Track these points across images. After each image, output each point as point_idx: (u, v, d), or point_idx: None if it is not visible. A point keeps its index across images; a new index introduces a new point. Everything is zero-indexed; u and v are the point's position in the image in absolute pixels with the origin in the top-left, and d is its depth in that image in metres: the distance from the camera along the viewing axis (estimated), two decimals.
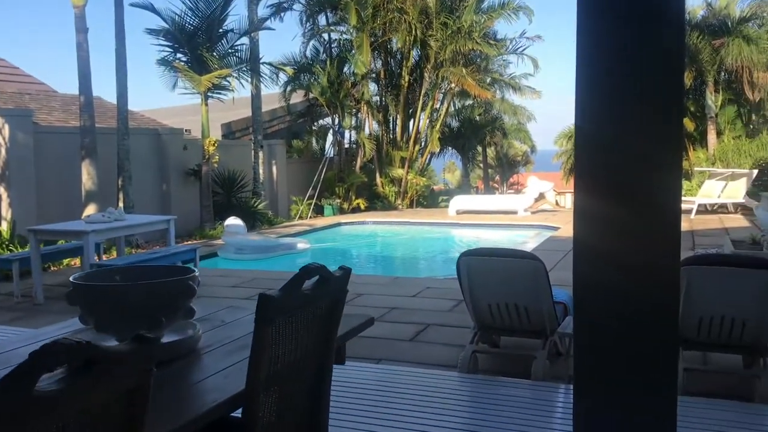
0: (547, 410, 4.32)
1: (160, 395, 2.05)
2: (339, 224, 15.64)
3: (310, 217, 16.52)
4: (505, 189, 49.75)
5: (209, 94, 13.50)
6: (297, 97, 19.41)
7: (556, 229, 13.60)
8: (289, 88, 18.16)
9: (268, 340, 1.95)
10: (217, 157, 13.53)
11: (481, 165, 37.10)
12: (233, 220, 11.15)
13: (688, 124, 25.52)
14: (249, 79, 14.32)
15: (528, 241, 13.10)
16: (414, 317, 6.65)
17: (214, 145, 13.34)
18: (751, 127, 25.68)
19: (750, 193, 16.07)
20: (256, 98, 15.41)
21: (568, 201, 56.92)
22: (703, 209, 15.92)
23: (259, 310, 1.91)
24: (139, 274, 2.59)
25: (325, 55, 18.60)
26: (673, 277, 1.83)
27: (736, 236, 11.45)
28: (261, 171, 15.41)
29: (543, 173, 59.49)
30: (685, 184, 18.71)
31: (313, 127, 20.02)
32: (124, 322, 2.30)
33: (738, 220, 14.28)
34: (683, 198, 16.15)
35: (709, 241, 11.38)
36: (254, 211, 14.49)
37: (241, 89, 15.14)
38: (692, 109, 26.14)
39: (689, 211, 15.43)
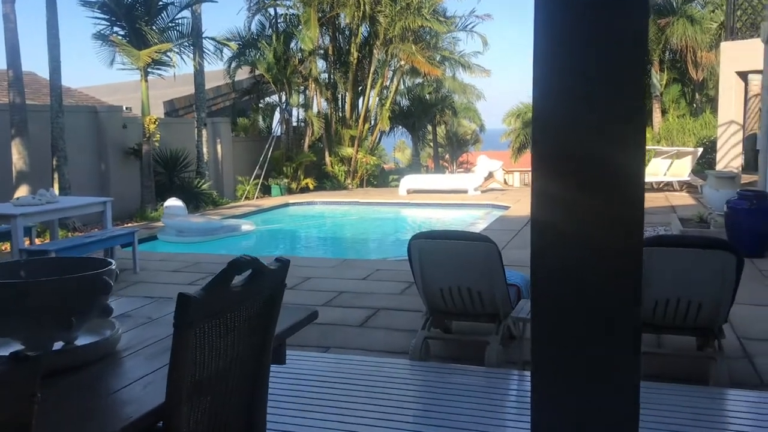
0: (501, 398, 4.16)
1: (65, 408, 1.77)
2: (287, 205, 15.28)
3: (257, 198, 16.11)
4: (455, 168, 49.92)
5: (149, 70, 12.93)
6: (242, 74, 18.87)
7: (506, 208, 13.54)
8: (233, 65, 17.61)
9: (189, 346, 1.68)
10: (158, 135, 12.99)
11: (432, 144, 37.03)
12: (173, 201, 10.71)
13: None
14: (191, 55, 13.78)
15: (479, 220, 13.00)
16: (364, 301, 6.43)
17: (155, 123, 12.80)
18: (694, 106, 26.18)
19: (695, 171, 16.32)
20: (199, 75, 14.86)
21: (516, 180, 57.50)
22: (650, 187, 16.10)
23: (178, 313, 1.64)
24: (49, 268, 2.28)
25: (271, 30, 18.07)
26: (636, 259, 1.72)
27: (683, 214, 11.56)
28: (205, 150, 14.91)
29: (492, 152, 59.92)
30: None
31: (260, 105, 19.49)
32: (28, 325, 2.00)
33: (684, 198, 14.47)
34: None
35: (658, 219, 11.46)
36: (198, 191, 14.03)
37: (183, 65, 14.61)
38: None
39: None
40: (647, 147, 19.21)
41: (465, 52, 22.71)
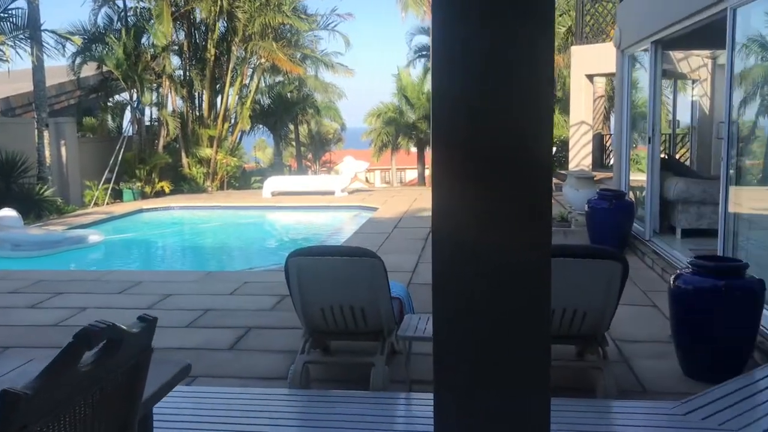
0: (390, 423, 3.88)
1: None
2: (140, 211, 14.25)
3: (108, 204, 14.93)
4: (318, 167, 49.59)
5: None
6: (89, 70, 17.46)
7: (375, 209, 13.38)
8: (78, 60, 16.23)
9: None
10: None
11: (294, 143, 36.48)
12: (5, 212, 9.57)
13: None
14: (28, 49, 12.46)
15: (348, 223, 12.75)
16: (232, 320, 5.93)
17: None
18: None
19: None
20: (38, 71, 13.49)
21: (377, 179, 58.00)
22: None
23: (3, 417, 1.17)
24: None
25: (120, 24, 16.82)
26: (543, 267, 1.66)
27: None
28: (47, 153, 13.59)
29: (354, 151, 60.25)
30: None
31: (109, 103, 18.13)
32: None
33: None
34: None
35: None
36: (40, 199, 12.76)
37: (19, 60, 13.23)
38: None
39: None
40: None
41: (327, 51, 22.40)
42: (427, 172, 42.14)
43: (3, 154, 12.54)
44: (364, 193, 16.97)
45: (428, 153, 42.89)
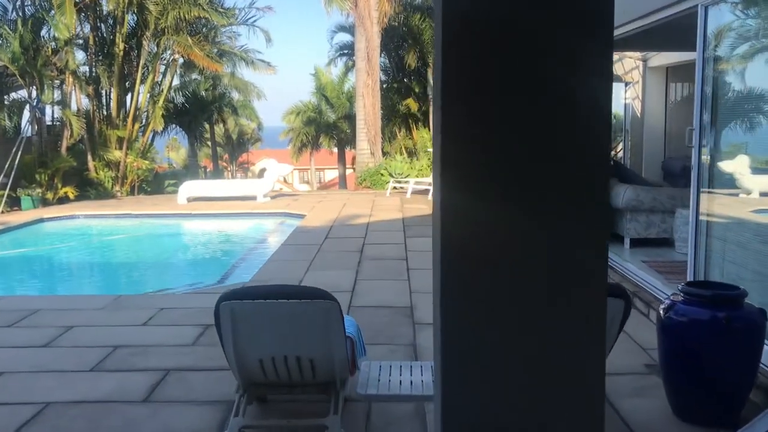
0: None
1: None
2: (40, 220, 12.86)
3: (2, 213, 13.45)
4: (234, 168, 48.08)
5: None
6: None
7: (301, 216, 12.53)
8: None
9: None
10: None
11: (209, 143, 35.01)
12: None
13: (412, 105, 26.29)
14: None
15: (273, 232, 11.87)
16: (147, 360, 5.01)
17: None
18: None
19: None
20: None
21: (296, 179, 56.84)
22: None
23: None
24: None
25: (15, 14, 15.26)
26: (599, 270, 1.47)
27: None
28: None
29: (271, 151, 59.07)
30: (416, 164, 18.90)
31: (4, 101, 16.45)
32: None
33: None
34: (414, 179, 16.14)
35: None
36: None
37: None
38: (416, 90, 26.95)
39: (427, 192, 15.43)
40: (429, 149, 19.36)
41: (247, 47, 21.32)
42: (349, 172, 41.51)
43: None
44: (288, 197, 16.07)
45: (349, 153, 42.27)
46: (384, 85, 22.08)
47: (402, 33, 25.05)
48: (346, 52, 28.72)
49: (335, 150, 42.35)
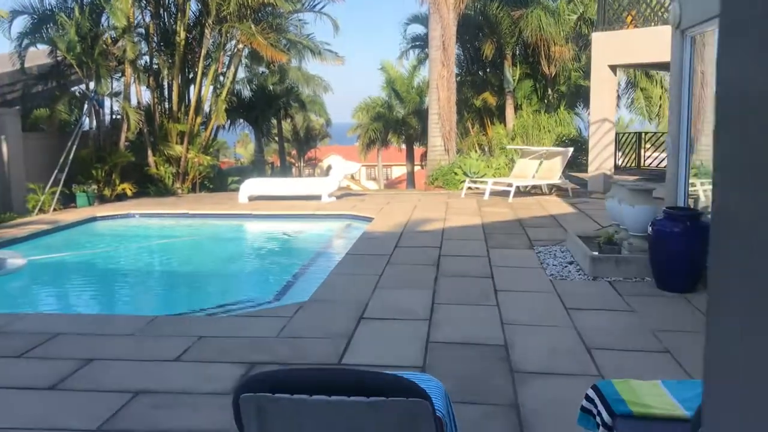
0: None
1: None
2: (93, 219, 12.10)
3: (55, 210, 12.77)
4: (302, 164, 47.49)
5: None
6: (40, 56, 15.25)
7: (369, 220, 11.33)
8: (25, 42, 14.04)
9: None
10: None
11: (277, 139, 34.37)
12: None
13: (489, 99, 24.79)
14: None
15: (337, 238, 10.74)
16: (172, 416, 3.89)
17: None
18: (545, 101, 25.52)
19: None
20: None
21: (363, 176, 56.14)
22: (515, 191, 14.58)
23: None
24: None
25: (73, 1, 14.58)
26: None
27: (575, 228, 9.94)
28: None
29: (338, 147, 58.47)
30: (493, 162, 17.48)
31: (62, 93, 15.85)
32: None
33: (558, 204, 13.04)
34: (493, 179, 14.74)
35: (545, 234, 9.76)
36: None
37: None
38: (493, 82, 25.46)
39: (507, 194, 14.02)
40: (511, 146, 17.89)
41: (314, 35, 20.26)
42: (416, 170, 40.23)
43: None
44: (354, 198, 14.92)
45: (418, 150, 40.98)
46: (457, 78, 20.71)
47: (478, 22, 23.60)
48: (418, 44, 27.43)
49: (404, 147, 41.21)
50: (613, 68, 14.03)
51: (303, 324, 5.58)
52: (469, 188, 15.09)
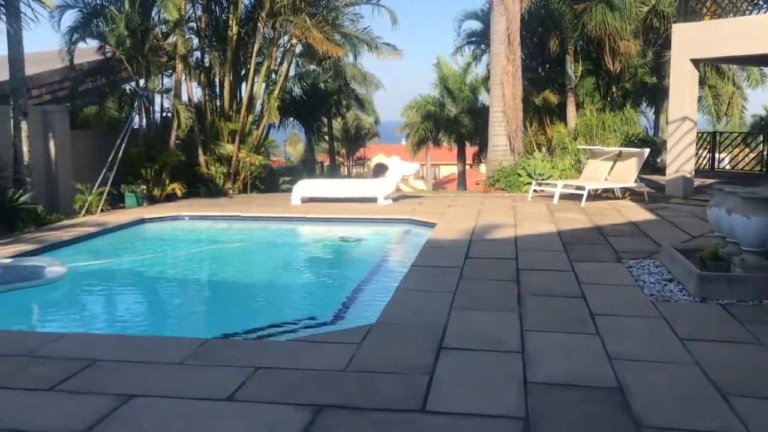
0: None
1: None
2: (141, 221, 11.57)
3: (103, 211, 12.30)
4: (351, 164, 46.92)
5: None
6: (91, 53, 14.86)
7: (431, 225, 10.50)
8: (75, 37, 13.63)
9: None
10: None
11: (326, 138, 33.81)
12: None
13: (551, 97, 23.66)
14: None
15: (398, 247, 9.95)
16: None
17: None
18: (608, 99, 24.26)
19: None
20: (14, 46, 10.84)
21: (410, 178, 55.16)
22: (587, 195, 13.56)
23: None
24: None
25: None
26: None
27: (658, 236, 8.95)
28: (26, 148, 10.95)
29: (385, 146, 57.66)
30: (558, 163, 16.46)
31: (113, 90, 15.43)
32: None
33: (636, 210, 12.01)
34: (563, 181, 13.75)
35: (631, 244, 8.79)
36: (13, 206, 10.15)
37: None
38: (558, 80, 24.28)
39: (577, 198, 13.03)
40: (582, 147, 16.83)
41: (370, 29, 19.48)
42: (463, 169, 39.16)
43: None
44: (411, 200, 14.10)
45: (469, 149, 39.93)
46: None
47: (540, 16, 22.50)
48: (474, 39, 26.47)
49: (454, 146, 40.20)
50: (696, 63, 12.89)
51: (373, 354, 4.79)
52: (534, 191, 14.13)
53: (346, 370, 4.49)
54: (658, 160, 20.26)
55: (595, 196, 13.74)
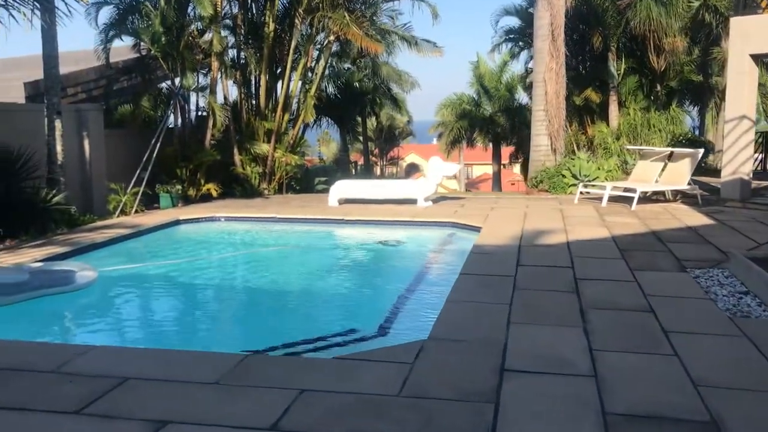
0: None
1: None
2: (176, 222, 11.28)
3: (137, 212, 12.04)
4: (384, 163, 46.50)
5: None
6: (126, 52, 14.66)
7: (476, 229, 10.00)
8: (111, 34, 13.41)
9: None
10: None
11: (361, 137, 33.43)
12: None
13: (593, 96, 22.93)
14: (31, 12, 9.49)
15: (443, 250, 9.47)
16: None
17: None
18: (652, 98, 23.44)
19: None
20: (48, 43, 10.61)
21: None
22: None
23: None
24: None
25: None
26: None
27: (721, 242, 8.34)
28: (59, 147, 10.71)
29: (417, 146, 57.04)
30: (604, 164, 15.82)
31: (148, 88, 15.21)
32: None
33: (691, 214, 11.36)
34: (612, 183, 13.16)
35: (693, 252, 8.19)
36: (46, 207, 9.90)
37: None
38: (595, 77, 23.56)
39: (626, 200, 12.43)
40: (631, 147, 16.18)
41: (410, 25, 18.99)
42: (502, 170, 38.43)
43: None
44: (452, 202, 13.60)
45: (505, 149, 39.21)
46: None
47: (582, 13, 21.81)
48: (512, 37, 25.84)
49: (489, 146, 39.51)
50: (756, 58, 12.19)
51: (428, 375, 4.34)
52: (581, 193, 13.54)
53: (400, 395, 4.04)
54: (707, 161, 19.47)
55: (645, 198, 13.10)
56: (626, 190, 12.67)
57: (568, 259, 7.82)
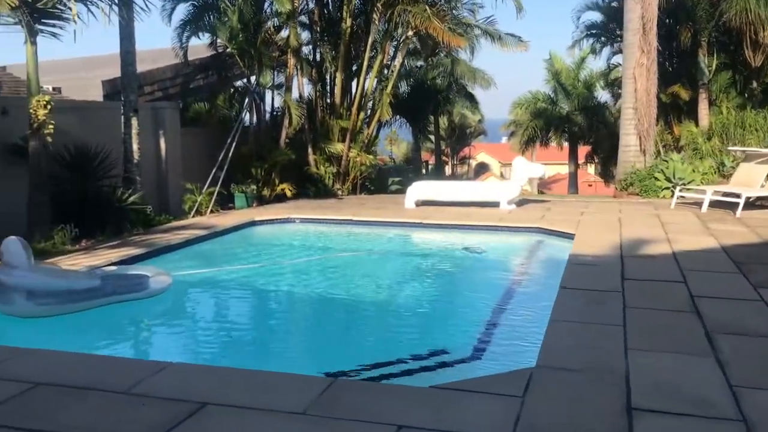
0: None
1: None
2: (252, 223, 10.98)
3: (213, 213, 11.80)
4: (455, 162, 45.72)
5: (38, 27, 8.57)
6: (202, 51, 14.54)
7: (568, 237, 9.28)
8: (187, 31, 13.26)
9: None
10: (51, 126, 8.58)
11: (432, 136, 32.85)
12: (8, 243, 6.14)
13: (682, 93, 21.65)
14: (110, 7, 9.29)
15: (533, 259, 8.79)
16: None
17: (46, 107, 8.45)
18: (746, 95, 21.96)
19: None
20: (125, 39, 10.46)
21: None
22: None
23: None
24: None
25: None
26: None
27: None
28: (135, 146, 10.54)
29: (487, 145, 55.83)
30: (698, 166, 14.74)
31: (224, 86, 15.03)
32: None
33: None
34: (712, 187, 12.16)
35: None
36: (122, 206, 9.73)
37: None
38: (683, 74, 22.24)
39: (729, 206, 11.44)
40: (731, 148, 15.06)
41: (494, 19, 18.23)
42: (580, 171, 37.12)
43: (74, 149, 9.56)
44: (537, 206, 12.86)
45: (582, 149, 37.85)
46: None
47: (671, 6, 20.60)
48: (594, 32, 24.76)
49: (565, 145, 38.27)
50: None
51: (544, 414, 3.74)
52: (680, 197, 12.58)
53: None
54: None
55: (747, 204, 12.05)
56: (727, 194, 11.67)
57: (678, 272, 7.05)
